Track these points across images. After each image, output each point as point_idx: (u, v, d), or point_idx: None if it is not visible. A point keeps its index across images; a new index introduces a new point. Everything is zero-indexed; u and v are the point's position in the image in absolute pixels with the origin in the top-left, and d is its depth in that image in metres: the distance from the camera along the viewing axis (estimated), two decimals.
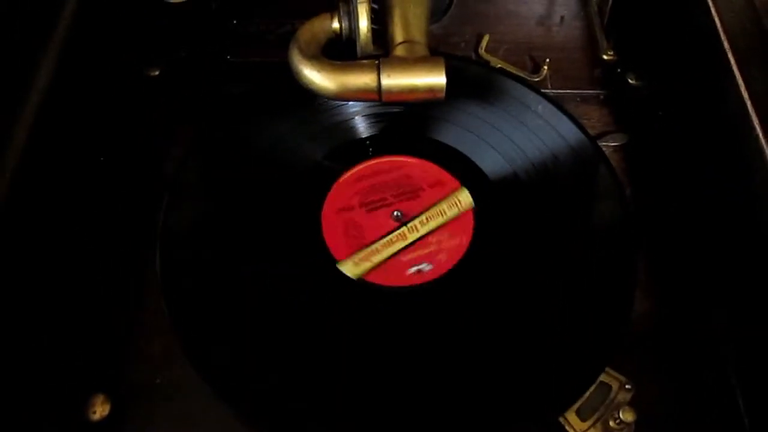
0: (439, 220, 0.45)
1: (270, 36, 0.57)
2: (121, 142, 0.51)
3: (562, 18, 0.59)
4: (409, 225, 0.45)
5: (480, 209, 0.46)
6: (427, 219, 0.45)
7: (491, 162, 0.48)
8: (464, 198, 0.46)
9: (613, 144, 0.51)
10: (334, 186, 0.48)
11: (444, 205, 0.46)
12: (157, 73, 0.55)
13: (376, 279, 0.44)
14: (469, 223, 0.46)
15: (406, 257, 0.45)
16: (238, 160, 0.49)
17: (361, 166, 0.48)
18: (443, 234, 0.45)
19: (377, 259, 0.44)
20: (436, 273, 0.44)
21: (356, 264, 0.44)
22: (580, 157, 0.48)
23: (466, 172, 0.48)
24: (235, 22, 0.58)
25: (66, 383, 0.41)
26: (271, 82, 0.53)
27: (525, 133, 0.49)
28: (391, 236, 0.45)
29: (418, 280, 0.44)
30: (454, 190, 0.46)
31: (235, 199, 0.47)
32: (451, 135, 0.49)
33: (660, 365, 0.42)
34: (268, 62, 0.55)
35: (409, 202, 0.46)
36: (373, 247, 0.45)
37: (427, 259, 0.44)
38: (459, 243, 0.45)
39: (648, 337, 0.43)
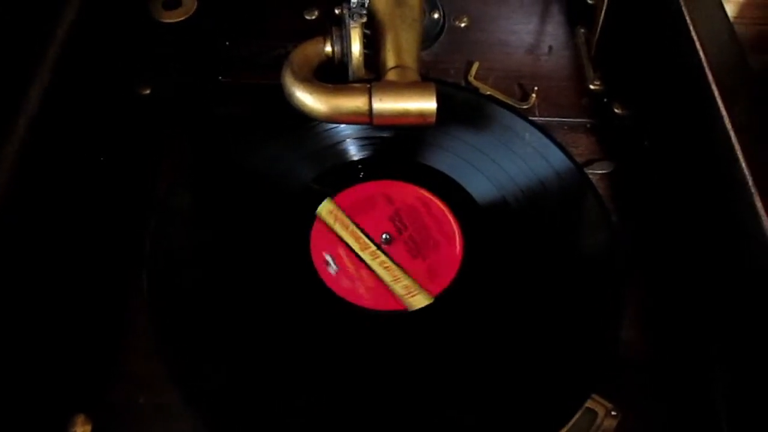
0: (386, 278, 0.44)
1: (262, 58, 0.58)
2: (110, 160, 0.51)
3: (550, 48, 0.60)
4: (378, 251, 0.46)
5: (469, 234, 0.47)
6: (385, 268, 0.45)
7: (480, 187, 0.48)
8: (419, 300, 0.44)
9: (599, 172, 0.52)
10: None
11: (404, 282, 0.44)
12: (148, 91, 0.55)
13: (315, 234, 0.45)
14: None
15: (344, 250, 0.46)
16: (227, 181, 0.49)
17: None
18: (366, 282, 0.45)
19: (338, 229, 0.46)
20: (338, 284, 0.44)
21: (330, 212, 0.46)
22: (567, 184, 0.48)
23: (455, 197, 0.48)
24: (227, 43, 0.59)
25: (47, 402, 0.40)
26: (262, 104, 0.53)
27: (513, 160, 0.49)
28: (363, 235, 0.46)
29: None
30: (426, 289, 0.44)
31: (224, 221, 0.47)
32: (441, 160, 0.50)
33: (646, 392, 0.42)
34: (259, 84, 0.55)
35: (406, 247, 0.46)
36: (351, 226, 0.46)
37: (342, 269, 0.45)
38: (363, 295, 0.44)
39: (634, 364, 0.43)
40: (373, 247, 0.45)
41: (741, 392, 0.40)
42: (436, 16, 0.60)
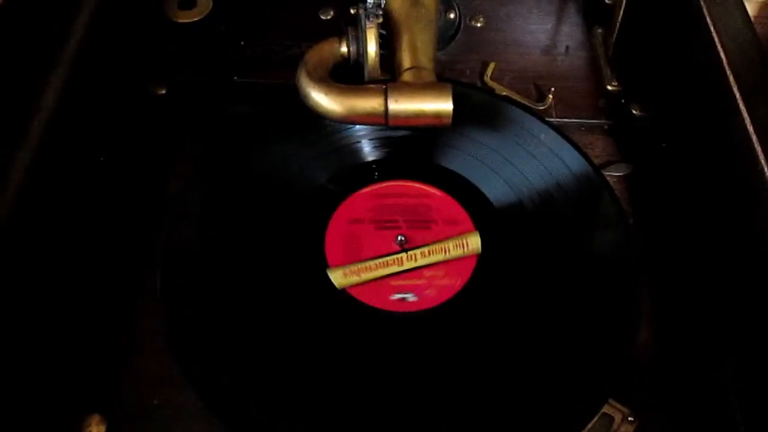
0: (440, 257, 0.45)
1: (277, 58, 0.58)
2: (125, 160, 0.51)
3: (567, 48, 0.60)
4: (409, 252, 0.45)
5: (484, 235, 0.46)
6: (429, 252, 0.45)
7: (496, 189, 0.48)
8: (473, 242, 0.45)
9: (617, 174, 0.51)
10: (352, 196, 0.48)
11: (450, 244, 0.45)
12: (163, 91, 0.55)
13: (359, 295, 0.44)
14: (470, 266, 0.45)
15: (395, 282, 0.44)
16: (241, 181, 0.49)
17: (383, 184, 0.48)
18: (439, 271, 0.45)
19: (367, 276, 0.44)
20: (421, 306, 0.43)
21: (345, 275, 0.44)
22: (584, 186, 0.48)
23: (470, 199, 0.48)
24: (242, 43, 0.59)
25: (61, 402, 0.40)
26: (277, 104, 0.53)
27: (530, 162, 0.49)
28: (387, 258, 0.45)
29: (404, 308, 0.43)
30: (465, 232, 0.45)
31: (237, 220, 0.47)
32: (456, 161, 0.49)
33: (663, 396, 0.42)
34: (274, 84, 0.55)
35: (418, 230, 0.46)
36: (368, 263, 0.44)
37: (414, 290, 0.44)
38: (451, 284, 0.44)
39: (651, 368, 0.43)
40: (404, 254, 0.45)
41: (759, 394, 0.40)
42: (451, 16, 0.59)
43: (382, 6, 0.48)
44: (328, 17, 0.60)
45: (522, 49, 0.60)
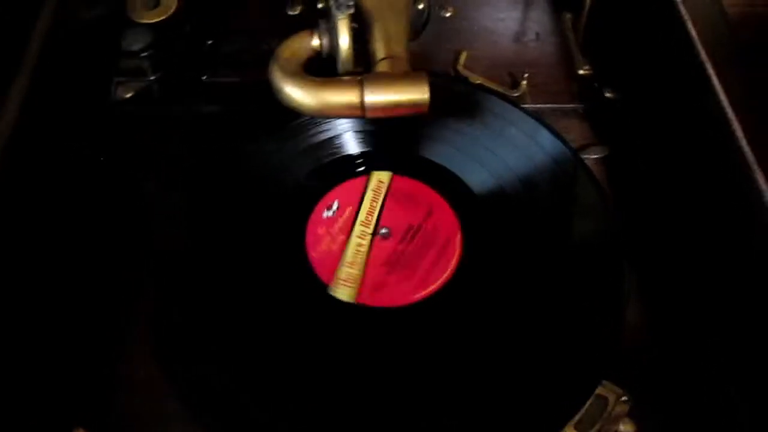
0: (349, 255, 0.44)
1: (245, 56, 0.57)
2: (95, 167, 0.49)
3: (537, 34, 0.60)
4: (368, 236, 0.45)
5: (467, 223, 0.46)
6: (356, 250, 0.45)
7: (477, 177, 0.48)
8: (340, 295, 0.43)
9: (594, 156, 0.52)
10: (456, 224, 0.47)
11: (354, 271, 0.44)
12: (130, 94, 0.53)
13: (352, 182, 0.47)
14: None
15: (351, 211, 0.46)
16: (216, 183, 0.48)
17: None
18: (334, 243, 0.45)
19: (368, 195, 0.47)
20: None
21: (380, 182, 0.47)
22: (564, 170, 0.48)
23: (452, 188, 0.48)
24: (209, 42, 0.57)
25: (47, 415, 0.39)
26: (248, 102, 0.52)
27: (508, 148, 0.49)
28: (375, 217, 0.46)
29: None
30: (359, 292, 0.44)
31: (221, 222, 0.46)
32: (436, 151, 0.49)
33: (655, 375, 0.42)
34: (244, 83, 0.54)
35: (388, 253, 0.45)
36: (378, 201, 0.47)
37: (332, 220, 0.46)
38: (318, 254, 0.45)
39: (641, 348, 0.43)
40: (369, 231, 0.45)
41: (753, 369, 0.40)
42: (420, 6, 0.59)
43: None
44: (296, 12, 0.59)
45: (493, 37, 0.60)
